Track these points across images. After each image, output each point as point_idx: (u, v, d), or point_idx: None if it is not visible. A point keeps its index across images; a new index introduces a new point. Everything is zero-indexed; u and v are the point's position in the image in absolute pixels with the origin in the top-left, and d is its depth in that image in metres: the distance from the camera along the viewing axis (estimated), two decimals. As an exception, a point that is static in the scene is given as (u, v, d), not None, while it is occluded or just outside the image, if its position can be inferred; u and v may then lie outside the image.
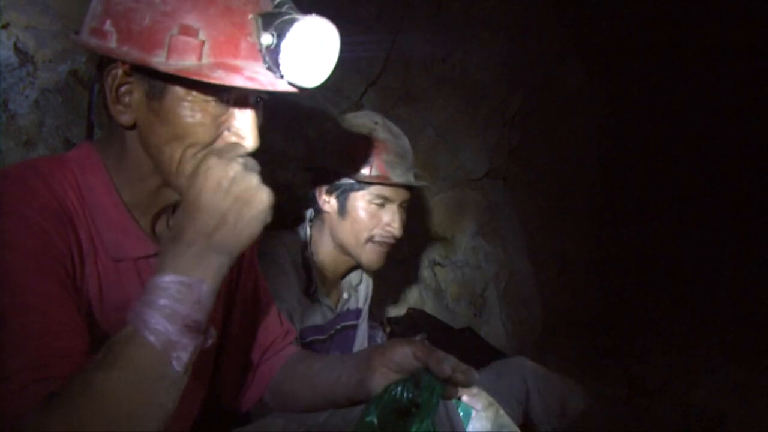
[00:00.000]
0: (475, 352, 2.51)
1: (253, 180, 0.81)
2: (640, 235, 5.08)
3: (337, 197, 1.65)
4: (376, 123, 1.69)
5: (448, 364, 0.92)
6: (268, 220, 0.82)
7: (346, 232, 1.65)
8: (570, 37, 3.88)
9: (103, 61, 0.90)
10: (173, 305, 0.76)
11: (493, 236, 3.27)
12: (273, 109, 0.98)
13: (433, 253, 3.00)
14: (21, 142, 1.47)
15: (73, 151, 0.96)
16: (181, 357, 0.76)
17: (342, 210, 1.65)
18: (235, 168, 0.80)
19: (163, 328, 0.74)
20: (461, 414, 1.47)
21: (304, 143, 2.28)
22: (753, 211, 5.67)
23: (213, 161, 0.81)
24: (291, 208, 2.26)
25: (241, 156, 0.83)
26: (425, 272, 2.96)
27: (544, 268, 3.67)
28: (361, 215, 1.64)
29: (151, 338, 0.74)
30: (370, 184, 1.63)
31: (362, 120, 1.71)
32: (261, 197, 0.81)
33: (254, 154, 0.89)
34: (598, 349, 3.82)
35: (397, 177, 1.65)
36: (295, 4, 0.91)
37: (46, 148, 1.50)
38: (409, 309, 2.61)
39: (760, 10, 4.61)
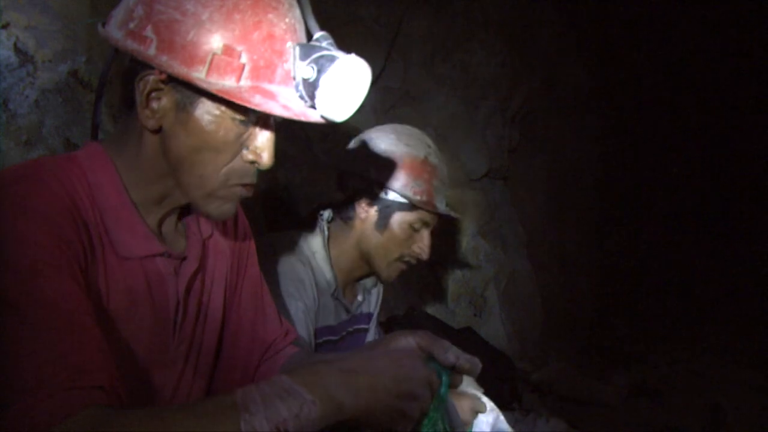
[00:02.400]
0: (475, 352, 2.51)
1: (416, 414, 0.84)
2: (640, 235, 5.08)
3: (379, 210, 1.64)
4: (429, 147, 1.69)
5: (452, 352, 0.93)
6: None
7: (378, 245, 1.66)
8: (570, 37, 3.88)
9: (134, 65, 0.90)
10: (276, 404, 0.75)
11: (493, 236, 3.27)
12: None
13: (433, 253, 2.99)
14: (21, 142, 1.46)
15: (82, 150, 0.97)
16: None
17: (381, 224, 1.64)
18: (426, 396, 0.84)
19: (257, 418, 0.74)
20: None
21: (305, 143, 2.28)
22: (754, 210, 5.67)
23: (425, 372, 0.85)
24: (291, 208, 2.27)
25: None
26: (425, 272, 2.96)
27: (544, 268, 3.67)
28: (399, 234, 1.65)
29: (242, 422, 0.74)
30: (419, 208, 1.63)
31: (416, 141, 1.70)
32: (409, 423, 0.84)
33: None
34: (598, 349, 3.83)
35: (440, 204, 1.67)
36: (305, 19, 0.93)
37: (46, 148, 1.50)
38: (409, 309, 2.61)
39: (761, 10, 4.61)
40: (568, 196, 4.07)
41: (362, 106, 0.96)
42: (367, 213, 1.65)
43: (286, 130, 0.97)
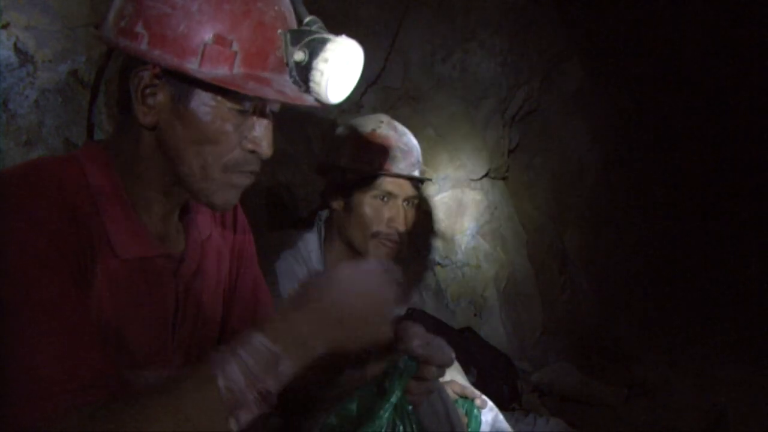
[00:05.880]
0: (475, 352, 2.51)
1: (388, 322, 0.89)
2: (640, 235, 5.08)
3: (344, 195, 1.68)
4: (381, 122, 1.73)
5: (419, 340, 0.95)
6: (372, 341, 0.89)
7: (352, 228, 1.68)
8: (570, 37, 3.88)
9: (128, 63, 0.90)
10: (256, 369, 0.77)
11: (493, 236, 3.27)
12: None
13: (433, 253, 3.00)
14: (21, 142, 1.47)
15: (82, 149, 0.97)
16: (241, 418, 0.77)
17: (348, 207, 1.68)
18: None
19: (238, 387, 0.75)
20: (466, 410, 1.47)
21: (305, 143, 2.28)
22: (754, 211, 5.67)
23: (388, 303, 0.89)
24: (291, 208, 2.27)
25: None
26: (425, 272, 2.96)
27: (544, 268, 3.68)
28: (365, 211, 1.67)
29: (224, 391, 0.75)
30: (373, 177, 1.65)
31: (368, 120, 1.76)
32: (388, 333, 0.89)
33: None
34: (598, 349, 3.82)
35: (398, 170, 1.67)
36: (294, 5, 0.94)
37: (46, 148, 1.50)
38: (409, 309, 2.61)
39: (761, 9, 4.62)
40: (568, 196, 4.07)
41: (362, 107, 0.97)
42: (337, 201, 1.70)
43: (286, 130, 0.98)
